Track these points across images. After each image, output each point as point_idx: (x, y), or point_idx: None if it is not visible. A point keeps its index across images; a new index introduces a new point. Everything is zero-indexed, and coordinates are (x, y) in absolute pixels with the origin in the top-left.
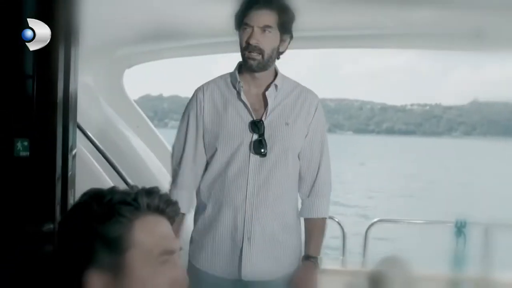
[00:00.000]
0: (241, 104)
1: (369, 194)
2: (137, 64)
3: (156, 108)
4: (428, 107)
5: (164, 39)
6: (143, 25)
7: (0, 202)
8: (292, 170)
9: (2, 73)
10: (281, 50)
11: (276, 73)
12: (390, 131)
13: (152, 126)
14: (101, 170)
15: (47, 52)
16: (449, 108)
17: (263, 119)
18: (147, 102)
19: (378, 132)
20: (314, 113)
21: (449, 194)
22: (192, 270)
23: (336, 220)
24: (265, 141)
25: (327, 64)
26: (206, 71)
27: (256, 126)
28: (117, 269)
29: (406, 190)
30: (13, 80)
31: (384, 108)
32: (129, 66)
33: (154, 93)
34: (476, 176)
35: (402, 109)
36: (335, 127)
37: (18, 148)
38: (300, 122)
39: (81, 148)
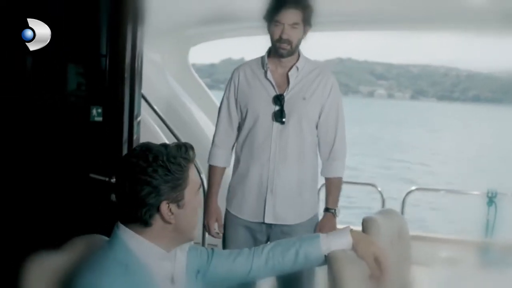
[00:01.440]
0: (267, 81)
1: (430, 162)
2: (202, 43)
3: None
4: None
5: (224, 21)
6: (206, 9)
7: (78, 158)
8: (309, 136)
9: (82, 53)
10: (303, 38)
11: (299, 56)
12: (476, 99)
13: (214, 99)
14: (162, 135)
15: (117, 35)
16: None
17: (284, 94)
18: (228, 65)
19: (464, 100)
20: (330, 91)
21: None
22: (227, 214)
23: (379, 189)
24: (284, 111)
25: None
26: None
27: (278, 99)
28: (179, 200)
29: (470, 161)
30: (91, 58)
31: (470, 75)
32: (194, 44)
33: (236, 56)
34: None
35: (489, 76)
36: (418, 94)
37: (93, 114)
38: (315, 97)
39: (145, 116)
